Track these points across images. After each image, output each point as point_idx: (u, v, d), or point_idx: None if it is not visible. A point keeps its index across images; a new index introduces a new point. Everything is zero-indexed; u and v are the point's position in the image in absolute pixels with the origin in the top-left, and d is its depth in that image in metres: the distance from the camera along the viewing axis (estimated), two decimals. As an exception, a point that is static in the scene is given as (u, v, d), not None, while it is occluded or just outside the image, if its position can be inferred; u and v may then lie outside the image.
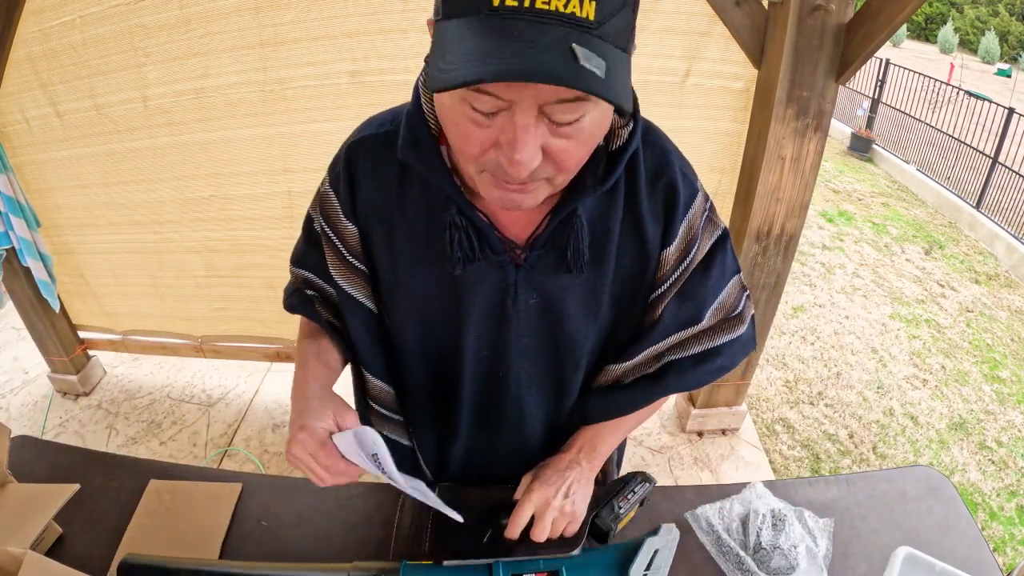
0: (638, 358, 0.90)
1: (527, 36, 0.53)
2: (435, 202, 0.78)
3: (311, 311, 0.94)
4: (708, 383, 0.94)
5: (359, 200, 0.83)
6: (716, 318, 0.91)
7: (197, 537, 0.96)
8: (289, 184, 2.15)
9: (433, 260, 0.81)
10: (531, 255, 0.80)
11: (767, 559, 0.93)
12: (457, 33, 0.56)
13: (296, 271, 0.97)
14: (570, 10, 0.53)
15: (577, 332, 0.87)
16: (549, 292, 0.83)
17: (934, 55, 17.12)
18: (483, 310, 0.84)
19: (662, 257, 0.84)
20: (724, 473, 2.50)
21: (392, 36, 1.84)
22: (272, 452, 2.52)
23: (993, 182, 5.84)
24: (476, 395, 0.93)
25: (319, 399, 0.79)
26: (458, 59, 0.54)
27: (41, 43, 1.96)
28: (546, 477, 0.87)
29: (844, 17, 1.70)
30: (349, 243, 0.86)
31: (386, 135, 0.81)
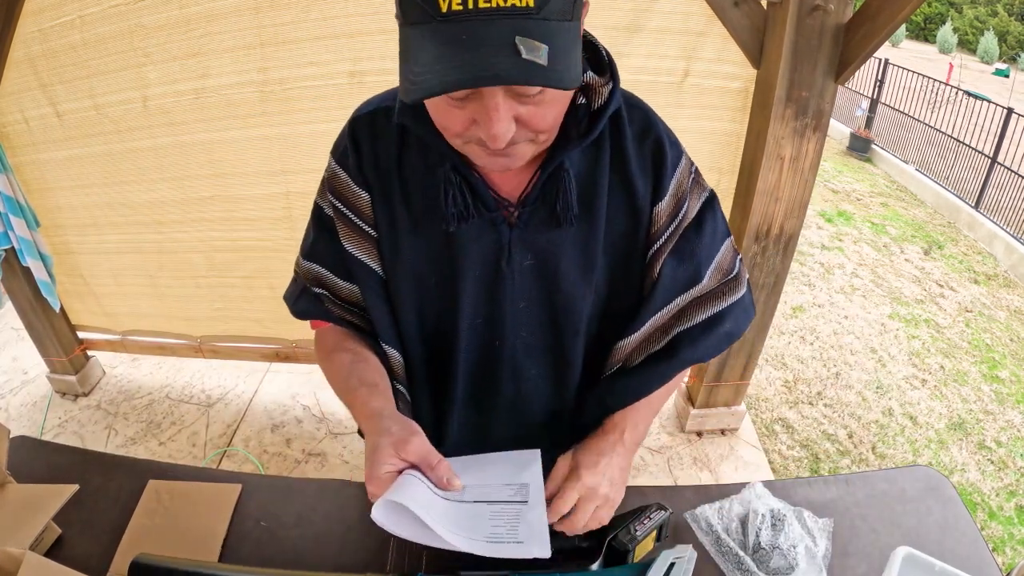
0: (644, 328, 0.91)
1: (476, 38, 0.58)
2: (432, 164, 0.82)
3: (323, 311, 0.94)
4: (719, 352, 0.95)
5: (365, 167, 0.85)
6: (715, 279, 0.92)
7: (196, 537, 0.96)
8: (288, 185, 2.15)
9: (430, 222, 0.84)
10: (523, 212, 0.83)
11: (766, 559, 0.93)
12: (417, 42, 0.61)
13: (305, 265, 0.96)
14: (510, 2, 0.57)
15: (573, 292, 0.88)
16: (543, 250, 0.85)
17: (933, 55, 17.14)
18: (478, 272, 0.85)
19: (654, 212, 0.86)
20: (723, 473, 2.50)
21: (393, 36, 1.82)
22: (271, 452, 2.52)
23: (992, 182, 5.84)
24: (472, 366, 0.93)
25: (378, 435, 0.77)
26: (422, 69, 0.60)
27: (41, 43, 1.96)
28: (591, 463, 0.84)
29: (843, 17, 1.70)
30: (362, 211, 0.87)
31: (387, 109, 0.85)
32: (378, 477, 0.73)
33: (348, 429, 2.63)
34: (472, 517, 0.73)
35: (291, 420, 2.68)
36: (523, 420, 0.98)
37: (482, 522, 0.72)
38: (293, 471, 2.43)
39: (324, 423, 2.66)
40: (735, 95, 1.93)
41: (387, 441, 0.74)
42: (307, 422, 2.67)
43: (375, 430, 0.77)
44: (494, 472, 0.82)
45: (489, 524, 0.72)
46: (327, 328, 0.97)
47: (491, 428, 0.99)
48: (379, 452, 0.73)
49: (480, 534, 0.71)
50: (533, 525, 0.72)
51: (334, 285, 0.93)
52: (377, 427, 0.77)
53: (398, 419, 0.79)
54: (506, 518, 0.73)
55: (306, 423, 2.66)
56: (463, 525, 0.71)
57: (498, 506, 0.75)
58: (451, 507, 0.73)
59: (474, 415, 0.98)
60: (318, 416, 2.70)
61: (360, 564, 0.94)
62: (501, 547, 0.70)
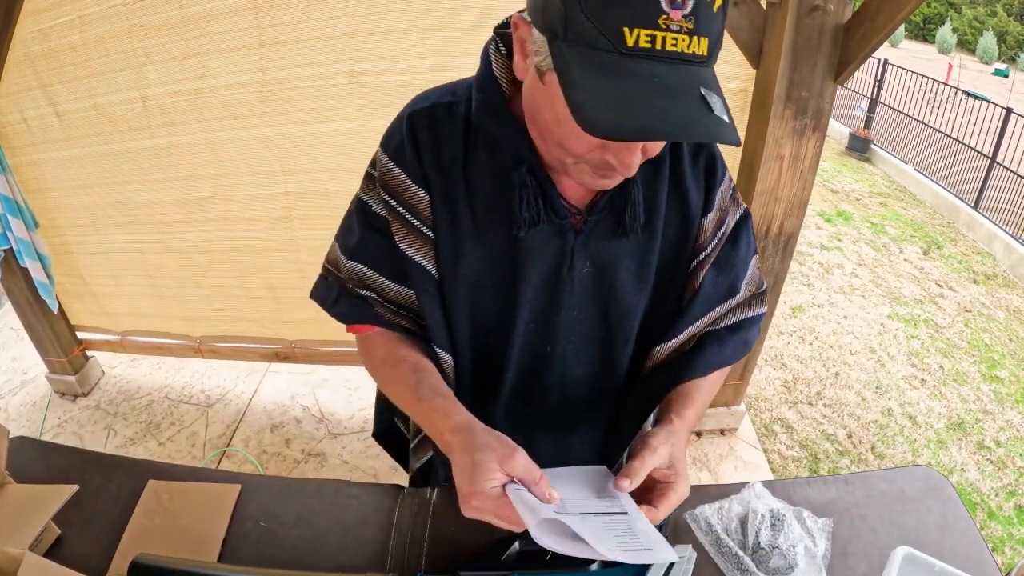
0: (682, 336, 0.92)
1: (667, 85, 0.58)
2: (501, 166, 0.80)
3: (372, 315, 0.91)
4: (737, 359, 0.97)
5: (426, 165, 0.83)
6: (748, 292, 0.96)
7: (196, 538, 0.96)
8: (287, 185, 2.15)
9: (495, 227, 0.83)
10: (590, 220, 0.83)
11: (766, 559, 0.93)
12: (590, 70, 0.59)
13: (349, 266, 0.92)
14: (691, 50, 0.59)
15: (628, 301, 0.89)
16: (602, 259, 0.85)
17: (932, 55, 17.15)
18: (539, 278, 0.85)
19: (702, 224, 0.88)
20: (723, 473, 2.50)
21: (392, 36, 1.84)
22: (270, 453, 2.52)
23: (991, 182, 5.85)
24: (520, 370, 0.93)
25: (476, 450, 0.74)
26: (606, 104, 0.59)
27: (40, 43, 1.96)
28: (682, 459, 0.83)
29: (842, 17, 1.70)
30: (420, 211, 0.85)
31: (448, 105, 0.82)
32: (484, 492, 0.71)
33: (347, 429, 2.63)
34: (595, 527, 0.73)
35: (290, 420, 2.68)
36: (563, 423, 0.99)
37: (604, 531, 0.72)
38: (292, 471, 2.43)
39: (323, 423, 2.66)
40: (734, 95, 1.93)
41: (491, 456, 0.72)
42: (306, 422, 2.67)
43: (471, 445, 0.74)
44: (577, 486, 0.81)
45: (612, 535, 0.72)
46: (375, 332, 0.94)
47: (534, 422, 0.99)
48: (484, 467, 0.71)
49: (612, 543, 0.70)
50: (649, 533, 0.73)
51: (382, 287, 0.90)
52: (472, 441, 0.75)
53: (493, 433, 0.77)
54: (621, 528, 0.73)
55: (305, 423, 2.66)
56: (593, 535, 0.70)
57: (606, 517, 0.75)
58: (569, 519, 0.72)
59: (517, 417, 0.98)
60: (317, 416, 2.70)
61: (360, 564, 0.93)
62: (637, 555, 0.70)
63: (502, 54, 0.79)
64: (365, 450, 2.53)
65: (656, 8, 0.57)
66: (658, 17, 0.57)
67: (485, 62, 0.80)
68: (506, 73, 0.78)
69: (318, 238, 2.24)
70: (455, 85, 0.85)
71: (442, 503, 1.02)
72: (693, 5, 0.57)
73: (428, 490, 1.05)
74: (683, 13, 0.57)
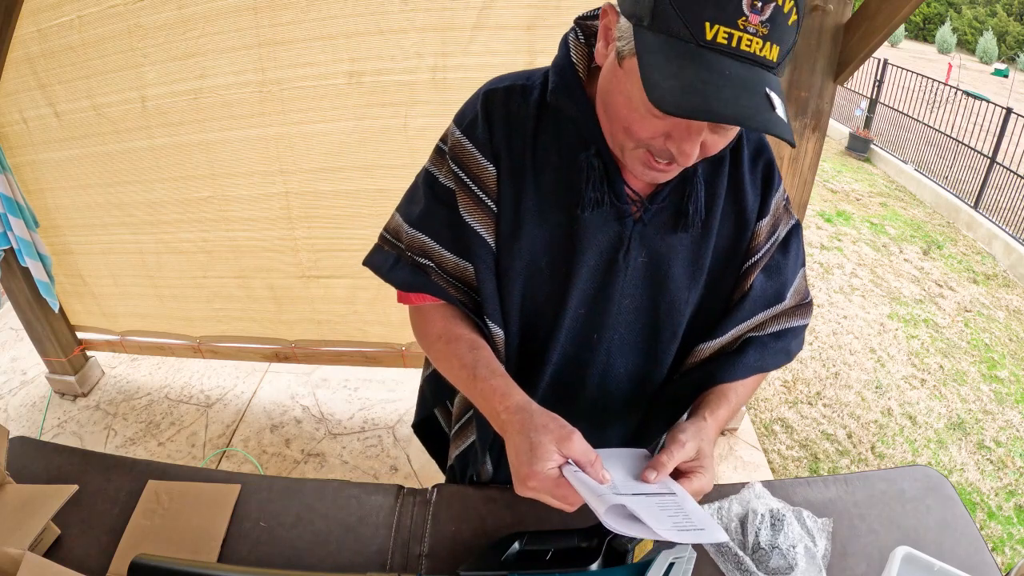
0: (727, 336, 0.94)
1: (738, 78, 0.63)
2: (569, 148, 0.84)
3: (430, 284, 0.92)
4: (777, 367, 0.99)
5: (496, 141, 0.86)
6: (794, 300, 0.98)
7: (196, 538, 0.96)
8: (286, 185, 2.15)
9: (557, 207, 0.85)
10: (650, 209, 0.85)
11: (766, 559, 0.93)
12: (669, 56, 0.64)
13: (411, 233, 0.93)
14: (763, 53, 0.64)
15: (679, 295, 0.90)
16: (658, 251, 0.87)
17: (932, 55, 17.15)
18: (594, 261, 0.87)
19: (757, 228, 0.90)
20: (723, 473, 2.50)
21: (391, 36, 1.84)
22: (270, 453, 2.52)
23: (991, 182, 5.85)
24: (564, 356, 0.95)
25: (534, 431, 0.76)
26: (679, 85, 0.63)
27: (39, 43, 1.96)
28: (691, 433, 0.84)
29: (842, 17, 1.70)
30: (486, 184, 0.87)
31: (523, 88, 0.86)
32: (542, 473, 0.73)
33: (347, 430, 2.63)
34: (651, 508, 0.74)
35: (290, 420, 2.68)
36: (601, 409, 1.00)
37: (659, 512, 0.74)
38: (292, 471, 2.43)
39: (323, 423, 2.66)
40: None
41: (549, 438, 0.74)
42: (306, 422, 2.67)
43: (528, 425, 0.77)
44: (623, 467, 0.82)
45: (666, 515, 0.73)
46: (429, 306, 0.96)
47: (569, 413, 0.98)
48: (542, 448, 0.74)
49: (668, 524, 0.72)
50: (699, 514, 0.74)
51: (441, 257, 0.92)
52: (530, 422, 0.77)
53: (550, 414, 0.79)
54: (674, 508, 0.75)
55: (305, 423, 2.66)
56: (650, 516, 0.72)
57: (657, 498, 0.76)
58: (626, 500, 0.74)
59: (554, 402, 0.97)
60: (317, 416, 2.70)
61: (360, 564, 0.94)
62: (692, 534, 0.72)
63: (580, 42, 0.83)
64: (365, 450, 2.53)
65: (738, 9, 0.61)
66: (738, 18, 0.62)
67: (564, 48, 0.84)
68: (583, 60, 0.82)
69: (317, 237, 2.24)
70: (531, 72, 0.89)
71: (442, 503, 1.02)
72: (771, 13, 0.62)
73: (428, 490, 1.05)
74: (761, 19, 0.62)
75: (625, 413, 1.02)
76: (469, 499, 1.03)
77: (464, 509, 1.01)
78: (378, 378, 2.86)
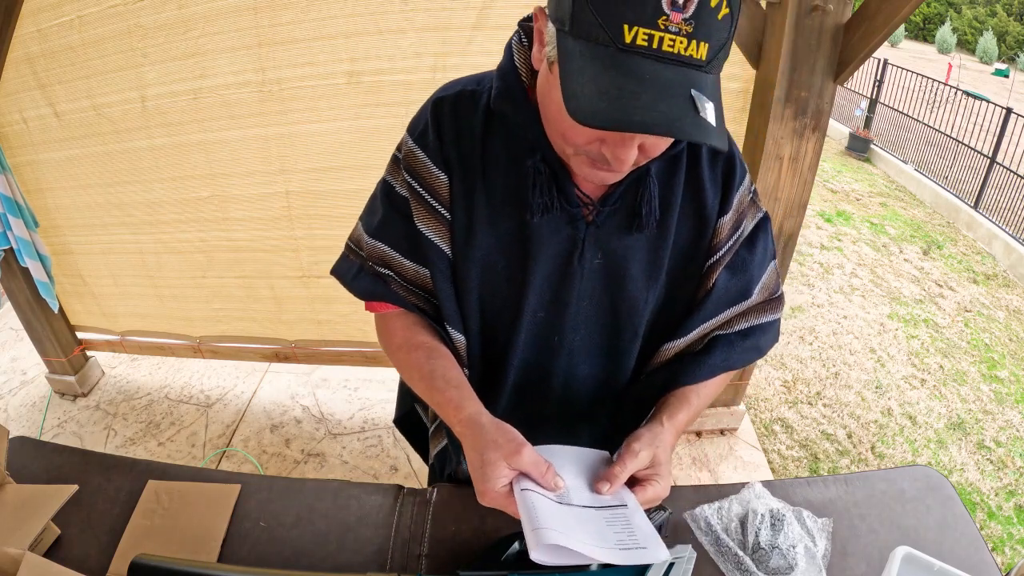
0: (692, 335, 0.93)
1: (659, 81, 0.61)
2: (517, 153, 0.83)
3: (389, 293, 0.93)
4: (746, 364, 0.98)
5: (446, 149, 0.85)
6: (761, 296, 0.96)
7: (196, 538, 0.96)
8: (286, 184, 2.15)
9: (508, 212, 0.85)
10: (602, 211, 0.84)
11: (766, 559, 0.93)
12: (587, 62, 0.62)
13: (370, 243, 0.94)
14: (689, 52, 0.61)
15: (637, 295, 0.89)
16: (614, 252, 0.86)
17: (932, 55, 17.15)
18: (549, 265, 0.86)
19: (719, 225, 0.88)
20: (722, 473, 2.50)
21: (390, 36, 1.84)
22: (270, 453, 2.52)
23: (991, 182, 5.85)
24: (526, 360, 0.94)
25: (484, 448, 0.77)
26: (597, 94, 0.61)
27: (39, 43, 1.96)
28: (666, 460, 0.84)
29: (842, 17, 1.70)
30: (438, 192, 0.87)
31: (472, 93, 0.85)
32: (495, 490, 0.74)
33: (347, 430, 2.63)
34: (595, 523, 0.75)
35: (290, 420, 2.68)
36: (567, 413, 0.99)
37: (604, 528, 0.74)
38: (292, 471, 2.43)
39: (323, 423, 2.66)
40: (734, 95, 1.93)
41: (498, 455, 0.75)
42: (306, 422, 2.66)
43: (480, 442, 0.78)
44: (581, 471, 0.82)
45: (611, 531, 0.74)
46: (392, 314, 0.97)
47: (535, 419, 0.99)
48: (492, 467, 0.75)
49: (610, 542, 0.72)
50: (645, 529, 0.74)
51: (400, 265, 0.92)
52: (482, 438, 0.78)
53: (501, 428, 0.79)
54: (621, 524, 0.75)
55: (305, 423, 2.66)
56: (593, 533, 0.73)
57: (607, 511, 0.77)
58: (572, 514, 0.75)
59: (520, 405, 0.99)
60: (317, 416, 2.70)
61: (360, 564, 0.94)
62: (631, 554, 0.72)
63: (524, 45, 0.82)
64: (365, 450, 2.53)
65: (657, 9, 0.59)
66: (658, 17, 0.59)
67: (508, 52, 0.83)
68: (526, 63, 0.81)
69: (317, 237, 2.24)
70: (482, 75, 0.88)
71: (442, 503, 1.02)
72: (695, 10, 0.59)
73: (428, 490, 1.05)
74: (684, 16, 0.59)
75: (592, 414, 1.01)
76: (469, 499, 1.03)
77: (464, 509, 1.01)
78: (378, 378, 2.86)
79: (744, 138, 1.99)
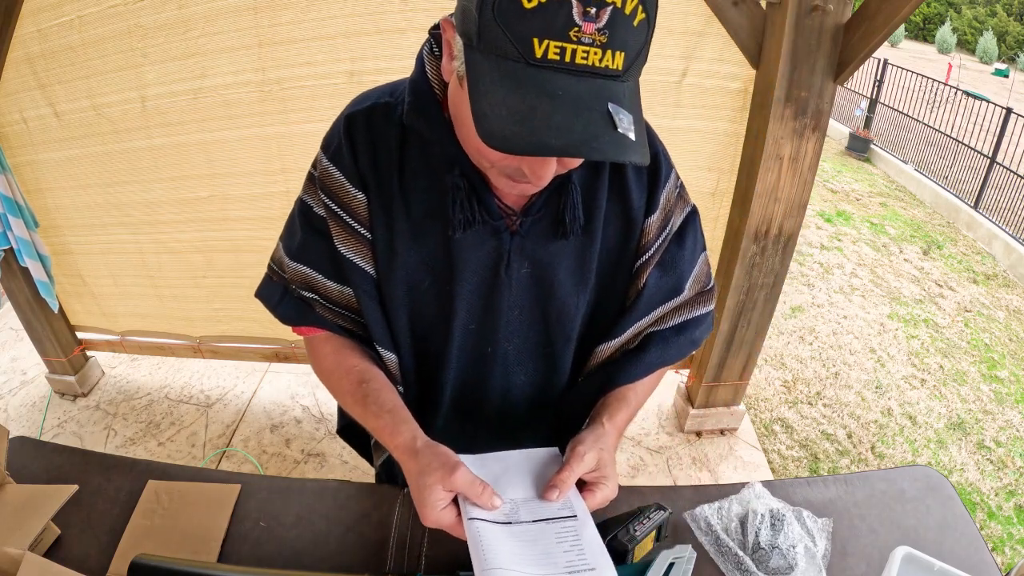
0: (626, 334, 0.92)
1: (571, 98, 0.58)
2: (436, 168, 0.80)
3: (315, 318, 0.91)
4: (683, 357, 0.98)
5: (362, 167, 0.82)
6: (694, 290, 0.96)
7: (196, 538, 0.96)
8: (286, 184, 2.15)
9: (430, 229, 0.83)
10: (526, 221, 0.83)
11: (766, 559, 0.93)
12: (497, 79, 0.59)
13: (292, 267, 0.92)
14: (604, 64, 0.58)
15: (567, 300, 0.88)
16: (541, 259, 0.85)
17: (932, 55, 17.15)
18: (476, 278, 0.85)
19: (646, 225, 0.87)
20: (722, 473, 2.50)
21: (390, 36, 1.84)
22: (270, 453, 2.52)
23: (991, 182, 5.85)
24: (461, 371, 0.93)
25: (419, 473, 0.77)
26: (508, 114, 0.58)
27: (39, 43, 1.96)
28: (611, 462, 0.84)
29: (842, 17, 1.70)
30: (357, 212, 0.84)
31: (386, 106, 0.82)
32: (433, 515, 0.76)
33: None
34: (545, 543, 0.75)
35: (290, 420, 2.68)
36: (507, 422, 0.99)
37: (553, 548, 0.74)
38: (292, 471, 2.43)
39: (323, 423, 2.66)
40: (734, 95, 1.93)
41: (433, 479, 0.75)
42: (306, 422, 2.66)
43: (416, 468, 0.78)
44: (528, 477, 0.82)
45: (560, 551, 0.74)
46: (320, 337, 0.95)
47: (476, 430, 0.99)
48: (428, 490, 0.75)
49: (559, 567, 0.73)
50: (594, 545, 0.74)
51: (325, 287, 0.90)
52: (417, 463, 0.78)
53: (435, 450, 0.79)
54: (570, 540, 0.75)
55: (305, 423, 2.66)
56: (540, 560, 0.73)
57: (555, 524, 0.77)
58: (521, 535, 0.74)
59: (459, 417, 0.98)
60: (317, 416, 2.70)
61: (360, 564, 0.93)
62: None
63: (435, 56, 0.78)
64: (365, 450, 2.53)
65: (567, 20, 0.56)
66: (569, 29, 0.56)
67: (419, 63, 0.80)
68: (438, 75, 0.78)
69: (318, 238, 2.23)
70: (395, 85, 0.84)
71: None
72: (609, 19, 0.56)
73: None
74: (597, 26, 0.56)
75: (532, 421, 1.00)
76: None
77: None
78: (378, 378, 2.86)
79: (744, 138, 1.99)
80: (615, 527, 0.90)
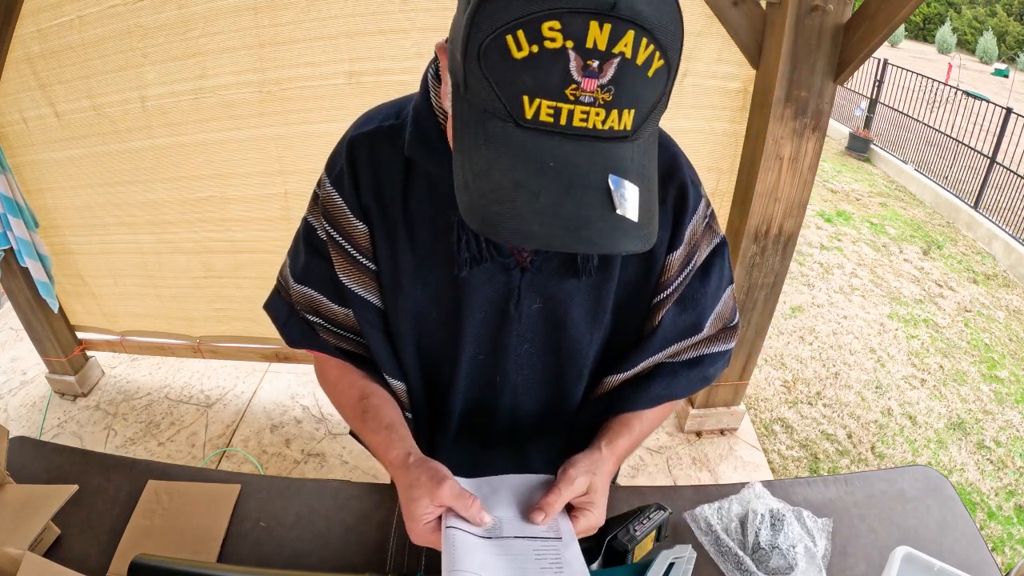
0: (637, 368, 0.89)
1: (566, 171, 0.51)
2: (441, 201, 0.75)
3: (319, 343, 0.89)
4: (690, 393, 0.94)
5: (364, 196, 0.78)
6: (714, 328, 0.90)
7: (196, 538, 0.96)
8: (286, 185, 2.15)
9: (436, 263, 0.79)
10: (537, 258, 0.78)
11: (766, 559, 0.93)
12: (482, 139, 0.53)
13: (298, 289, 0.89)
14: (608, 125, 0.50)
15: (580, 339, 0.85)
16: (553, 296, 0.81)
17: (932, 55, 17.14)
18: (484, 314, 0.82)
19: (668, 261, 0.82)
20: (722, 473, 2.50)
21: (391, 37, 1.83)
22: (270, 453, 2.52)
23: (991, 182, 5.85)
24: (469, 400, 0.92)
25: (408, 488, 0.75)
26: (489, 192, 0.52)
27: (39, 43, 1.95)
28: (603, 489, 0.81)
29: (842, 17, 1.70)
30: (359, 243, 0.81)
31: (391, 129, 0.77)
32: (418, 529, 0.74)
33: (347, 429, 2.62)
34: (523, 558, 0.74)
35: (290, 420, 2.67)
36: (517, 451, 0.97)
37: (530, 564, 0.73)
38: (292, 471, 2.43)
39: (323, 423, 2.66)
40: (734, 95, 1.93)
41: (422, 492, 0.73)
42: (306, 422, 2.66)
43: (405, 482, 0.76)
44: (520, 500, 0.81)
45: (537, 567, 0.73)
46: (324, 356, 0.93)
47: (484, 458, 0.98)
48: (415, 504, 0.73)
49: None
50: (574, 565, 0.73)
51: (330, 311, 0.88)
52: (407, 479, 0.76)
53: (425, 465, 0.77)
54: (550, 558, 0.74)
55: (305, 423, 2.66)
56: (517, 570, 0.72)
57: (538, 543, 0.75)
58: (500, 548, 0.74)
59: (468, 445, 0.97)
60: (317, 416, 2.70)
61: (360, 564, 0.94)
62: None
63: (440, 80, 0.71)
64: (365, 450, 2.52)
65: (563, 76, 0.48)
66: (565, 87, 0.48)
67: (424, 87, 0.74)
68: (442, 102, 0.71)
69: (318, 238, 2.23)
70: (402, 103, 0.79)
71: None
72: (616, 72, 0.48)
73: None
74: (601, 83, 0.48)
75: (541, 447, 0.98)
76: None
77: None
78: (378, 378, 2.86)
79: (744, 138, 1.99)
80: (615, 527, 0.90)
